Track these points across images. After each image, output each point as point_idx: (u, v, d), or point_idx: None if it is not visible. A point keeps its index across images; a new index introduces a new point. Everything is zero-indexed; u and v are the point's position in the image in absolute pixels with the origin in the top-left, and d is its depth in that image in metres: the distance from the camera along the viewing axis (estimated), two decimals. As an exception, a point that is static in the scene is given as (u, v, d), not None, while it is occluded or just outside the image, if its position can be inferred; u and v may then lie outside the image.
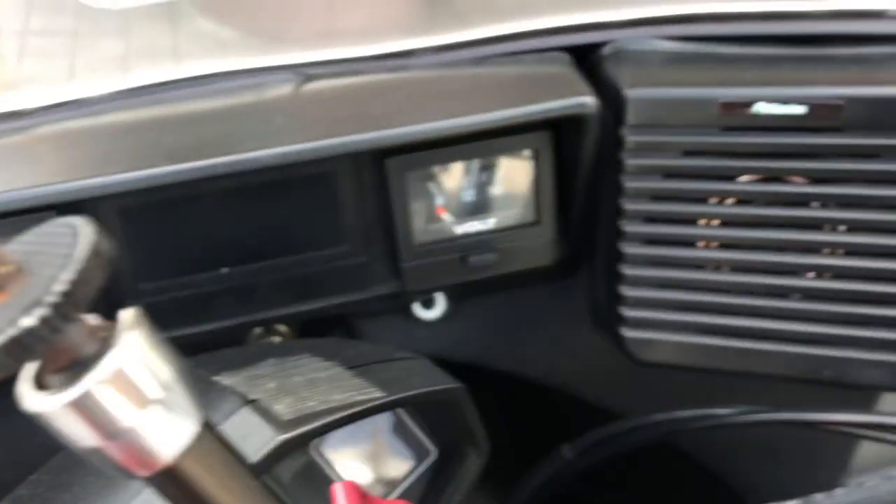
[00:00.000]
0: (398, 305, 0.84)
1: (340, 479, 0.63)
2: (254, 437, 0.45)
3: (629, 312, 0.73)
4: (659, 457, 0.88)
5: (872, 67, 0.65)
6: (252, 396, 0.48)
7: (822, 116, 0.63)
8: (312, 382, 0.49)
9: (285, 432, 0.45)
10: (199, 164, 0.60)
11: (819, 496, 0.48)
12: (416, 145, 0.69)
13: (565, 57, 0.75)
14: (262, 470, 0.45)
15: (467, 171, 0.74)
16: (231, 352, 0.57)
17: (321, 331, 0.89)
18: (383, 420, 0.64)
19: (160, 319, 0.71)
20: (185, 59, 0.81)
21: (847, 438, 0.77)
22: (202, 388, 0.52)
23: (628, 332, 0.73)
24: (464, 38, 0.79)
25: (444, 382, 0.55)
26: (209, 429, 0.31)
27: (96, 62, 0.84)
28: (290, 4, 1.00)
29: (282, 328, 0.84)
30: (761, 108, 0.64)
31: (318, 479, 0.60)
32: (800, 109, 0.63)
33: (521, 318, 0.89)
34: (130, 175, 0.59)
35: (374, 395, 0.49)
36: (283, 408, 0.47)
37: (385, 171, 0.70)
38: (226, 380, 0.51)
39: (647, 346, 0.73)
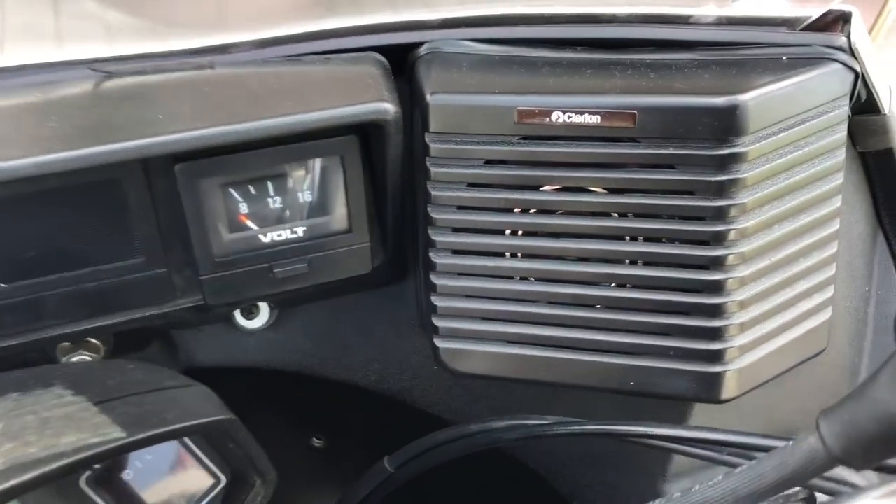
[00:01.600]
0: (214, 317, 0.80)
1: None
2: (-40, 489, 0.41)
3: (441, 323, 0.71)
4: (490, 461, 0.87)
5: (669, 75, 0.64)
6: (-28, 441, 0.44)
7: (616, 126, 0.62)
8: (45, 423, 0.45)
9: (-9, 485, 0.41)
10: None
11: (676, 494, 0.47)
12: (212, 150, 0.65)
13: (377, 58, 0.72)
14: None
15: (273, 177, 0.70)
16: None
17: (136, 343, 0.84)
18: (172, 448, 0.60)
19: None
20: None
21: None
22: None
23: (441, 343, 0.72)
24: (277, 35, 0.75)
25: (211, 414, 0.52)
26: None
27: None
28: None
29: (93, 341, 0.79)
30: (558, 117, 0.62)
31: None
32: (594, 119, 0.62)
33: (351, 324, 0.86)
34: None
35: (112, 436, 0.45)
36: (-1, 455, 0.42)
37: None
38: (-45, 419, 0.46)
39: (459, 357, 0.72)
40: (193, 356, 0.86)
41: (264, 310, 0.83)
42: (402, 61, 0.73)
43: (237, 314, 0.82)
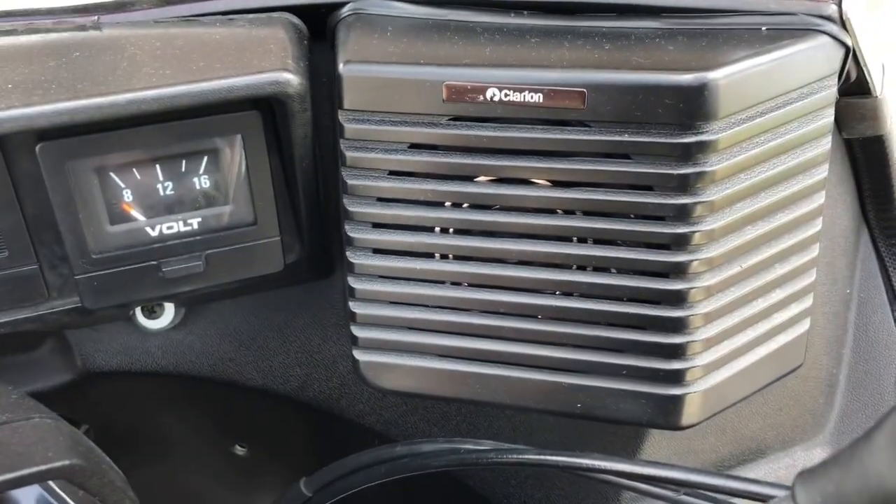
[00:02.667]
0: (100, 319, 0.69)
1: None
2: None
3: (360, 332, 0.61)
4: (424, 480, 0.78)
5: (627, 46, 0.54)
6: None
7: (562, 107, 0.51)
8: None
9: None
10: None
11: None
12: (81, 126, 0.55)
13: (289, 19, 0.61)
14: None
15: (163, 160, 0.59)
16: None
17: (25, 344, 0.74)
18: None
19: None
20: None
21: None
22: None
23: (361, 355, 0.62)
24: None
25: (45, 459, 0.42)
26: None
27: None
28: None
29: (-30, 341, 0.68)
30: (493, 94, 0.52)
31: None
32: (535, 97, 0.51)
33: (270, 323, 0.76)
34: None
35: None
36: None
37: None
38: None
39: (382, 372, 0.62)
40: (91, 359, 0.76)
41: (168, 308, 0.72)
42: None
43: (138, 312, 0.71)
